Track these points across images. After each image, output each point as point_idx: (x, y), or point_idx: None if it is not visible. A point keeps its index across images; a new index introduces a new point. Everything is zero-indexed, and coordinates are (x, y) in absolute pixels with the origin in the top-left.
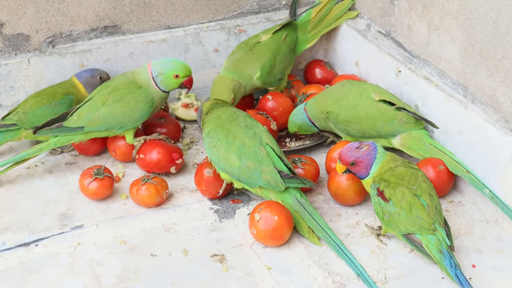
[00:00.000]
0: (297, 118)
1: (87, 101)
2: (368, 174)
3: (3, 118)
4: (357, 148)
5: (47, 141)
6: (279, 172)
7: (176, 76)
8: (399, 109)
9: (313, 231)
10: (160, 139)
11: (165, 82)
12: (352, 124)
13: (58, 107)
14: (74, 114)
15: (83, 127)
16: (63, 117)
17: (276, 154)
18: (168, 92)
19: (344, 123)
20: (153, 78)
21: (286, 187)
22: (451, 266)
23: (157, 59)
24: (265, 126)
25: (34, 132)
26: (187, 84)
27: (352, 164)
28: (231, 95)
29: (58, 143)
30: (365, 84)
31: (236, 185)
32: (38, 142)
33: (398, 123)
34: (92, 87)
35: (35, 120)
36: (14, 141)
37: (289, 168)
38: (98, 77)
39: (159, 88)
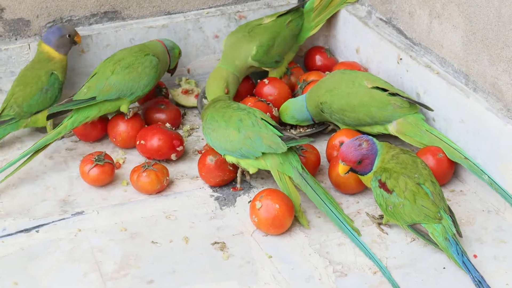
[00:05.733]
0: (299, 114)
1: (93, 76)
2: (372, 168)
3: None
4: (359, 145)
5: (62, 124)
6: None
7: (180, 53)
8: (392, 94)
9: (302, 213)
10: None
11: (173, 57)
12: (347, 112)
13: (50, 90)
14: (83, 87)
15: (95, 97)
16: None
17: (271, 125)
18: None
19: (339, 112)
20: (168, 51)
21: (287, 154)
22: (458, 253)
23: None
24: (267, 113)
25: (48, 118)
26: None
27: (359, 162)
28: (224, 85)
29: (75, 122)
30: (357, 73)
31: (251, 170)
32: (39, 128)
33: (392, 108)
34: (63, 47)
35: (32, 109)
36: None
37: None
38: (67, 35)
39: (169, 62)
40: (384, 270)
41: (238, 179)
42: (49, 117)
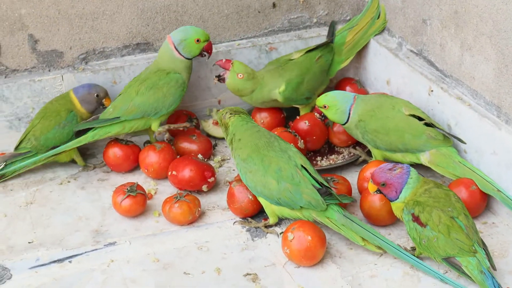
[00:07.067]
0: (343, 104)
1: (120, 95)
2: (398, 197)
3: (17, 147)
4: (389, 169)
5: (85, 134)
6: (318, 190)
7: (198, 40)
8: (428, 125)
9: (368, 241)
10: (185, 127)
11: (188, 48)
12: (380, 135)
13: (67, 126)
14: (109, 106)
15: (119, 117)
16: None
17: (311, 174)
18: (191, 60)
19: (372, 133)
20: (175, 47)
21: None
22: (494, 287)
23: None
24: (291, 144)
25: (76, 135)
26: (208, 49)
27: (383, 185)
28: (249, 72)
29: (95, 136)
30: (398, 99)
31: (271, 219)
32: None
33: (426, 138)
34: (88, 103)
35: (49, 143)
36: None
37: (326, 186)
38: (95, 95)
39: (183, 56)
40: None
41: (266, 231)
42: (76, 134)
